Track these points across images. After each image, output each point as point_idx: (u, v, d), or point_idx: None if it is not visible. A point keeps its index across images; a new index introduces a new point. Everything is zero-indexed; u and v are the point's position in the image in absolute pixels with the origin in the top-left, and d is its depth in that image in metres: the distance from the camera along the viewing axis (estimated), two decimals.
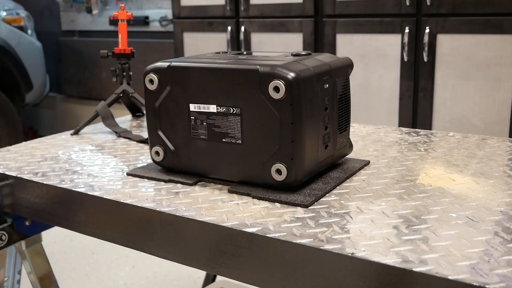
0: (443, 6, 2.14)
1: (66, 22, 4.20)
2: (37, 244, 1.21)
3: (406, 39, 2.23)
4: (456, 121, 2.22)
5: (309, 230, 0.74)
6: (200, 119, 0.92)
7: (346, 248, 0.68)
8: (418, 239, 0.70)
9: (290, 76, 0.82)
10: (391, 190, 0.89)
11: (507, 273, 0.61)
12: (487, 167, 1.00)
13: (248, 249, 0.75)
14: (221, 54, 1.01)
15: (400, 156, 1.08)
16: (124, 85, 1.45)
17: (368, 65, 2.36)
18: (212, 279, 1.80)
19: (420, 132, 1.27)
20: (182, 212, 0.82)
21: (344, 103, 0.94)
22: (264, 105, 0.84)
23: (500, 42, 2.06)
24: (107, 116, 1.37)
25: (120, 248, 0.95)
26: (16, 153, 1.20)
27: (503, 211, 0.79)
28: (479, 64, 2.12)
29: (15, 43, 3.40)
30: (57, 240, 2.48)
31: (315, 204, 0.83)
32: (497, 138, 1.19)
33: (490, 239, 0.70)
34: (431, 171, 0.99)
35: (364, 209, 0.81)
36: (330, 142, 0.92)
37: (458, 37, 2.14)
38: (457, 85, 2.19)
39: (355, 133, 1.27)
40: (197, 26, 2.86)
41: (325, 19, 2.44)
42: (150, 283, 2.17)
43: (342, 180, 0.93)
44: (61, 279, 2.17)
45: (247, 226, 0.76)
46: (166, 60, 0.95)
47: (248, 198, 0.87)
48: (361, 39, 2.36)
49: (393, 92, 2.33)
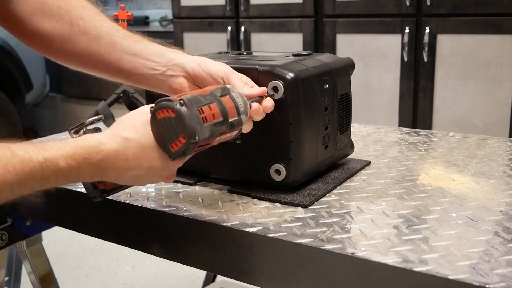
0: (443, 6, 2.14)
1: None
2: (37, 244, 1.21)
3: (406, 39, 2.23)
4: (456, 121, 2.22)
5: (309, 230, 0.74)
6: None
7: (346, 248, 0.69)
8: (418, 239, 0.70)
9: (289, 76, 0.82)
10: (391, 190, 0.89)
11: (507, 273, 0.61)
12: (487, 167, 1.00)
13: (248, 249, 0.75)
14: (222, 54, 1.01)
15: (400, 156, 1.08)
16: (124, 85, 1.45)
17: (368, 65, 2.36)
18: (212, 279, 1.80)
19: (420, 132, 1.27)
20: (182, 212, 0.82)
21: (345, 104, 0.94)
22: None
23: (500, 42, 2.06)
24: (107, 116, 1.37)
25: (120, 248, 0.95)
26: None
27: (503, 211, 0.79)
28: (479, 64, 2.12)
29: (15, 43, 3.40)
30: (57, 240, 2.48)
31: (316, 204, 0.83)
32: (497, 138, 1.19)
33: (490, 239, 0.70)
34: (431, 171, 0.99)
35: (365, 209, 0.81)
36: (330, 143, 0.92)
37: (458, 37, 2.14)
38: (457, 85, 2.19)
39: (355, 133, 1.27)
40: (197, 26, 2.86)
41: (325, 19, 2.44)
42: (150, 283, 2.17)
43: (342, 180, 0.93)
44: (61, 279, 2.16)
45: (248, 226, 0.76)
46: None
47: (249, 198, 0.87)
48: (361, 39, 2.36)
49: (393, 92, 2.33)
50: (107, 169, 0.68)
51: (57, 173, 0.63)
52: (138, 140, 0.69)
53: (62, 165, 0.63)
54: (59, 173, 0.63)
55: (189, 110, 0.67)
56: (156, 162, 0.71)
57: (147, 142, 0.70)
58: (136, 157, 0.69)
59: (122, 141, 0.68)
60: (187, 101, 0.67)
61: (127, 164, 0.69)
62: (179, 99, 0.68)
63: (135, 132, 0.69)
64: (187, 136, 0.67)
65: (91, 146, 0.66)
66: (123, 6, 1.48)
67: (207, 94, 0.71)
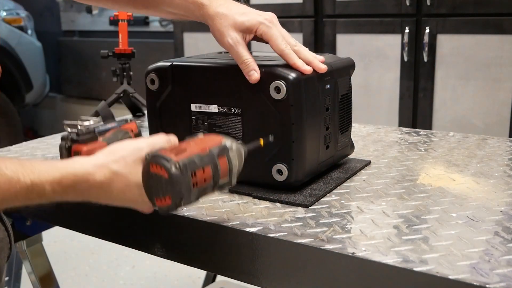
0: (443, 6, 2.14)
1: (66, 22, 4.20)
2: (37, 244, 1.21)
3: (406, 39, 2.23)
4: (456, 121, 2.22)
5: (309, 230, 0.74)
6: (202, 119, 0.92)
7: (346, 247, 0.69)
8: (418, 239, 0.70)
9: (291, 77, 0.82)
10: (391, 190, 0.89)
11: (508, 273, 0.61)
12: (487, 167, 1.00)
13: (248, 249, 0.75)
14: (223, 54, 1.01)
15: (400, 156, 1.08)
16: (125, 85, 1.45)
17: (368, 65, 2.36)
18: (212, 279, 1.80)
19: (420, 132, 1.27)
20: (182, 212, 0.82)
21: (345, 104, 0.94)
22: (265, 106, 0.84)
23: (500, 42, 2.06)
24: (107, 116, 1.37)
25: (120, 248, 0.95)
26: (17, 153, 1.20)
27: (503, 211, 0.79)
28: (479, 64, 2.12)
29: (15, 43, 3.39)
30: (57, 240, 2.48)
31: (316, 204, 0.83)
32: (497, 138, 1.19)
33: (491, 239, 0.70)
34: (431, 171, 0.99)
35: (365, 209, 0.81)
36: (331, 143, 0.92)
37: (458, 37, 2.14)
38: (457, 85, 2.19)
39: (356, 133, 1.27)
40: (197, 26, 2.86)
41: (325, 19, 2.44)
42: (150, 283, 2.17)
43: (343, 180, 0.93)
44: (61, 279, 2.16)
45: (248, 226, 0.76)
46: (167, 60, 0.94)
47: (249, 198, 0.87)
48: (361, 39, 2.36)
49: (393, 92, 2.33)
50: (90, 196, 0.69)
51: (41, 196, 0.65)
52: (126, 176, 0.69)
53: (48, 189, 0.64)
54: (44, 196, 0.65)
55: (182, 175, 0.66)
56: (138, 199, 0.71)
57: (134, 180, 0.70)
58: (121, 190, 0.69)
59: (110, 174, 0.68)
60: (183, 167, 0.66)
61: (110, 195, 0.70)
62: (176, 161, 0.66)
63: (125, 167, 0.69)
64: (173, 199, 0.67)
65: (79, 175, 0.67)
66: None
67: (205, 155, 0.69)
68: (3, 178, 0.61)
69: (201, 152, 0.69)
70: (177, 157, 0.67)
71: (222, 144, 0.72)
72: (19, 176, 0.62)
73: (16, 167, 0.63)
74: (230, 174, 0.73)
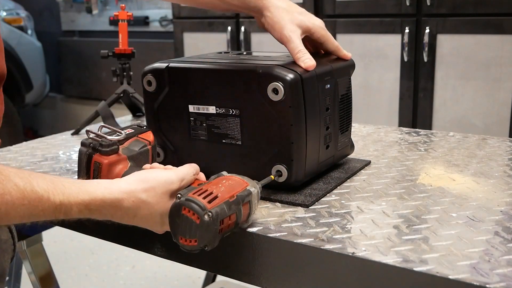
0: (443, 6, 2.15)
1: (66, 22, 4.19)
2: (37, 244, 1.21)
3: (406, 39, 2.23)
4: (456, 121, 2.22)
5: (310, 230, 0.74)
6: (200, 120, 0.91)
7: (346, 247, 0.69)
8: (418, 239, 0.70)
9: (289, 78, 0.81)
10: (391, 190, 0.89)
11: (508, 273, 0.61)
12: (487, 167, 1.00)
13: (248, 249, 0.75)
14: (222, 54, 1.01)
15: (400, 156, 1.08)
16: (125, 85, 1.45)
17: (368, 65, 2.36)
18: (212, 279, 1.80)
19: (420, 132, 1.27)
20: None
21: (345, 104, 0.94)
22: (263, 107, 0.83)
23: (500, 42, 2.06)
24: (107, 116, 1.37)
25: (120, 248, 0.95)
26: (17, 153, 1.20)
27: (503, 211, 0.79)
28: (479, 64, 2.12)
29: (15, 43, 3.39)
30: (57, 240, 2.48)
31: (316, 204, 0.83)
32: (497, 138, 1.19)
33: (491, 239, 0.70)
34: (431, 171, 0.99)
35: (365, 209, 0.81)
36: (331, 143, 0.92)
37: (458, 37, 2.15)
38: (457, 85, 2.19)
39: (356, 133, 1.27)
40: (197, 26, 2.86)
41: (325, 19, 2.44)
42: (150, 283, 2.17)
43: (343, 180, 0.93)
44: (61, 279, 2.16)
45: (248, 226, 0.76)
46: (164, 61, 0.93)
47: None
48: (361, 39, 2.36)
49: (393, 92, 2.33)
50: (113, 218, 0.71)
51: (67, 215, 0.66)
52: (153, 206, 0.71)
53: (74, 210, 0.66)
54: (69, 215, 0.66)
55: (213, 223, 0.67)
56: (158, 225, 0.74)
57: (160, 210, 0.72)
58: (144, 216, 0.72)
59: (138, 202, 0.70)
60: (215, 215, 0.67)
61: (133, 219, 0.72)
62: (209, 210, 0.67)
63: (153, 198, 0.71)
64: (199, 243, 0.68)
65: (108, 201, 0.68)
66: (123, 6, 1.49)
67: (233, 201, 0.70)
68: (34, 196, 0.62)
69: (230, 199, 0.70)
70: (210, 205, 0.67)
71: (247, 189, 0.73)
72: (49, 195, 0.63)
73: (47, 185, 0.64)
74: (249, 217, 0.74)
